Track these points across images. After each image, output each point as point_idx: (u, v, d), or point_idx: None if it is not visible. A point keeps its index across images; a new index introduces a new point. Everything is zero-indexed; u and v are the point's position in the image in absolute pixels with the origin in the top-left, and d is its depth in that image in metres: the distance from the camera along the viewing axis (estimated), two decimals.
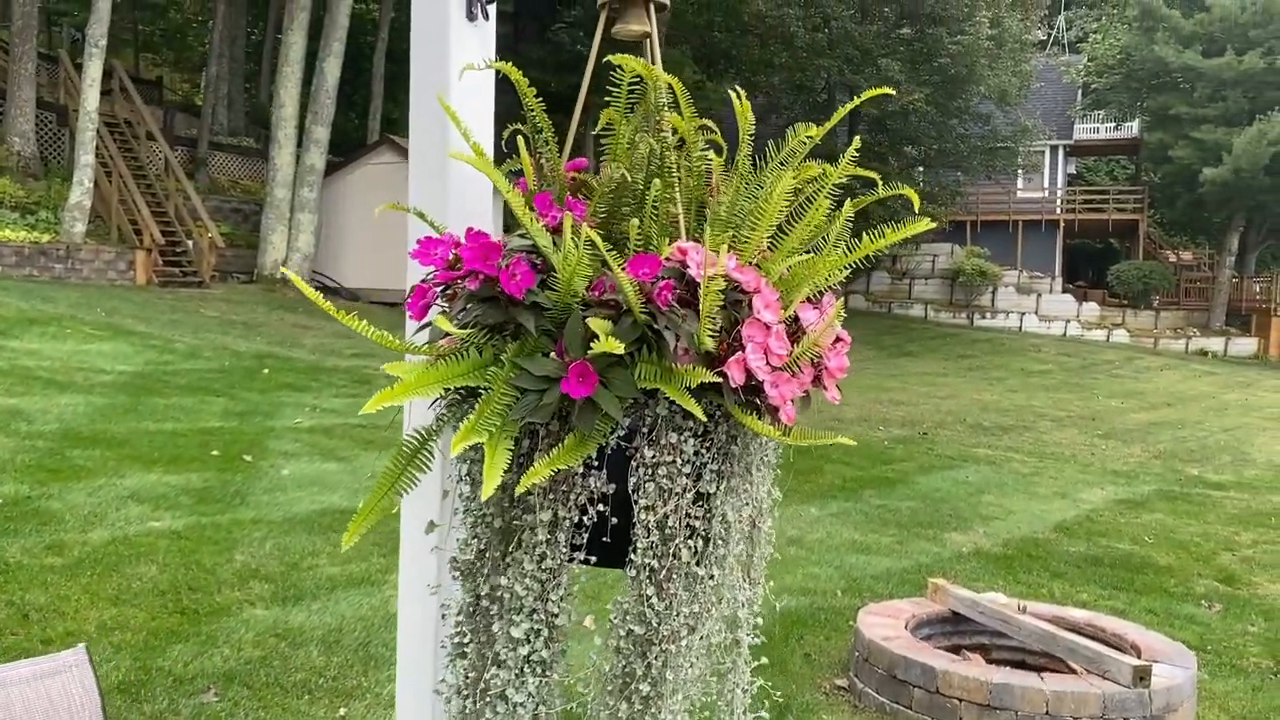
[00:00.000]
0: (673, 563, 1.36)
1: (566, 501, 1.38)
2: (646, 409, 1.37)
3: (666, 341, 1.29)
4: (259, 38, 30.12)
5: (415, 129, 1.82)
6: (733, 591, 1.46)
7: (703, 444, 1.39)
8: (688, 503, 1.37)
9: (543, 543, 1.38)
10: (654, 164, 1.44)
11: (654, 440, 1.37)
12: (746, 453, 1.46)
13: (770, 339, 1.35)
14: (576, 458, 1.32)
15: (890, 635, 4.48)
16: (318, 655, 4.31)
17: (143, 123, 20.28)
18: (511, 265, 1.31)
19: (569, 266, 1.28)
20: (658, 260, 1.32)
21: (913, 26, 25.16)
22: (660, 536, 1.36)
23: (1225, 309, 29.71)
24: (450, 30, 1.78)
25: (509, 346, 1.32)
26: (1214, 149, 27.59)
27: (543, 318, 1.34)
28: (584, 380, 1.28)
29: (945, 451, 11.31)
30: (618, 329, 1.29)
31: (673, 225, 1.47)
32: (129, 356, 10.71)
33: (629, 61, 1.39)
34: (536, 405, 1.31)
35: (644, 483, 1.37)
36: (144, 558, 5.22)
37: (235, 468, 7.13)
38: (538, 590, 1.39)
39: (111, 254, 17.06)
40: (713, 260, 1.34)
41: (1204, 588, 6.51)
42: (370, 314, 8.72)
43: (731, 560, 1.44)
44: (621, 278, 1.27)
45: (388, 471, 1.50)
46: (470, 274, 1.32)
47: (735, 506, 1.45)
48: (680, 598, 1.36)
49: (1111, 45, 32.53)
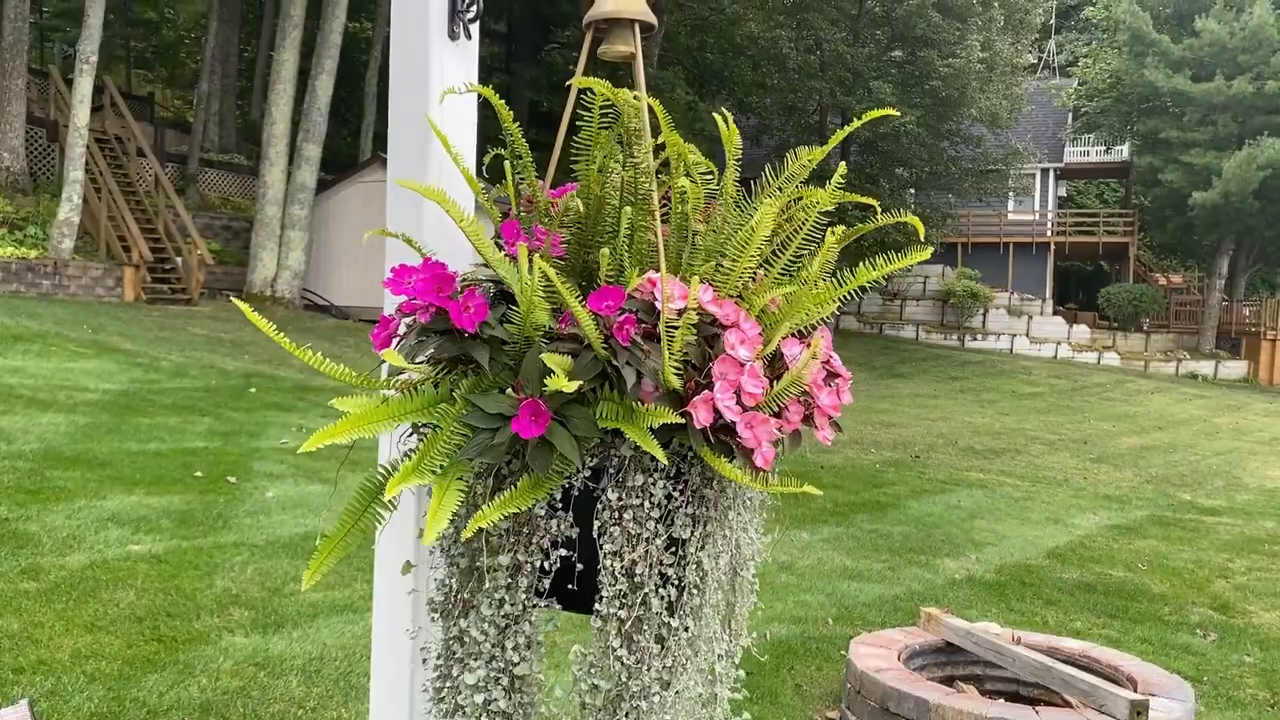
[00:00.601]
0: (642, 613, 1.28)
1: (528, 545, 1.31)
2: (613, 448, 1.29)
3: (626, 379, 1.22)
4: (251, 55, 30.13)
5: (393, 151, 1.76)
6: (710, 644, 1.38)
7: (675, 486, 1.32)
8: (658, 549, 1.30)
9: (502, 587, 1.31)
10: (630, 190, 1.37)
11: (620, 482, 1.29)
12: (723, 496, 1.38)
13: (744, 377, 1.27)
14: (530, 500, 1.25)
15: (883, 666, 4.39)
16: (297, 685, 4.21)
17: (133, 139, 20.21)
18: (464, 297, 1.24)
19: (525, 298, 1.21)
20: (620, 292, 1.25)
21: (904, 49, 25.28)
22: (629, 584, 1.29)
23: (1215, 332, 29.78)
24: (431, 50, 1.72)
25: (463, 382, 1.25)
26: (1203, 173, 27.71)
27: (503, 352, 1.27)
28: (536, 419, 1.21)
29: (937, 475, 11.24)
30: (577, 365, 1.23)
31: (653, 254, 1.41)
32: (114, 375, 10.61)
33: (597, 85, 1.33)
34: (488, 445, 1.23)
35: (609, 526, 1.29)
36: (122, 582, 5.11)
37: (218, 489, 7.03)
38: (494, 636, 1.31)
39: (99, 270, 16.96)
40: (683, 292, 1.27)
41: (1199, 616, 6.44)
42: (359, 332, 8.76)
43: (709, 611, 1.36)
44: (579, 311, 1.20)
45: (350, 509, 1.42)
46: (421, 305, 1.25)
47: (712, 553, 1.37)
48: (651, 650, 1.28)
49: (1102, 69, 32.71)
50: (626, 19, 1.54)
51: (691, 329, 1.20)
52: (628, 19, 1.54)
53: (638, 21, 1.53)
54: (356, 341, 16.91)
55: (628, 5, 1.56)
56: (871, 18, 25.68)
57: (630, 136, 1.36)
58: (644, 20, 1.54)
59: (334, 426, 1.16)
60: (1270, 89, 27.37)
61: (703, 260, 1.36)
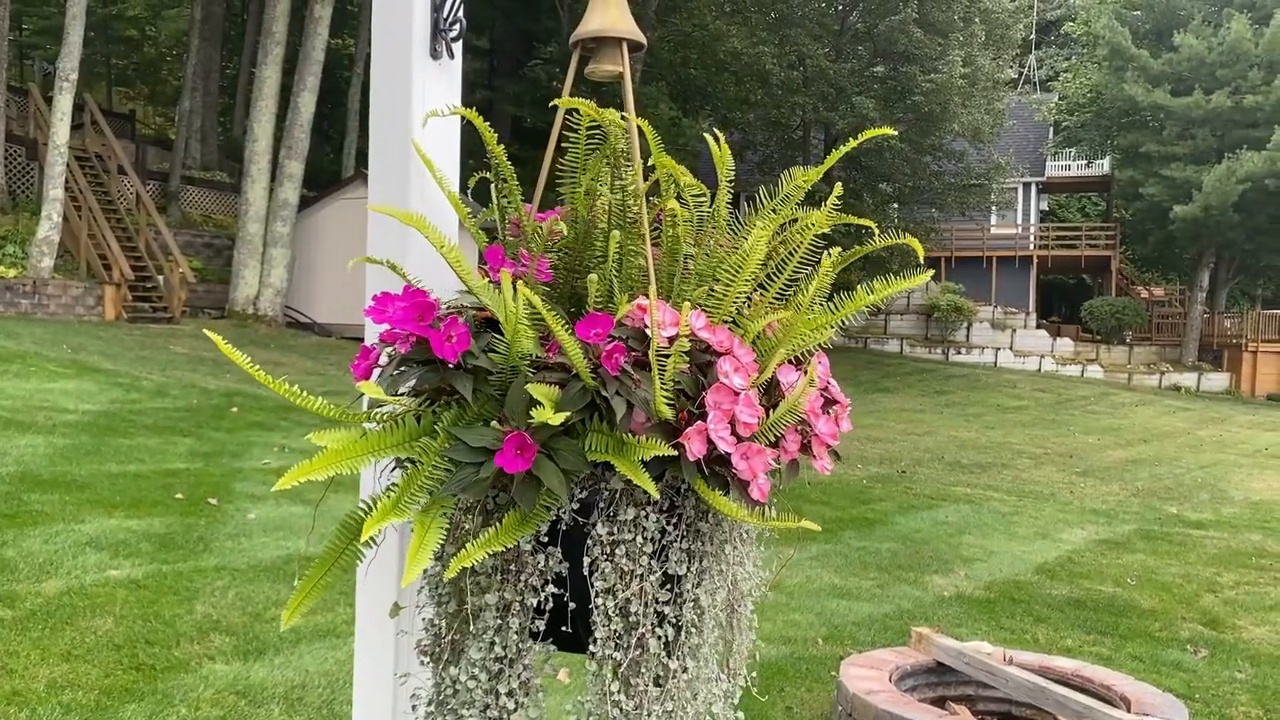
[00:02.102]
0: (639, 654, 1.23)
1: (516, 583, 1.25)
2: (603, 481, 1.24)
3: (616, 410, 1.17)
4: (233, 71, 30.05)
5: (375, 173, 1.70)
6: (708, 685, 1.32)
7: (668, 520, 1.26)
8: (653, 585, 1.24)
9: (491, 629, 1.25)
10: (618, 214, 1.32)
11: (611, 516, 1.24)
12: (719, 530, 1.33)
13: (739, 406, 1.22)
14: (516, 537, 1.19)
15: (874, 689, 4.34)
16: (280, 714, 4.12)
17: (114, 156, 20.09)
18: (446, 326, 1.18)
19: (509, 326, 1.16)
20: (609, 320, 1.20)
21: (887, 65, 25.41)
22: (624, 624, 1.23)
23: (1197, 345, 29.95)
24: (413, 70, 1.67)
25: (446, 414, 1.20)
26: (1184, 186, 27.92)
27: (487, 383, 1.21)
28: (522, 452, 1.15)
29: (924, 490, 11.22)
30: (564, 396, 1.17)
31: (643, 279, 1.36)
32: (94, 395, 10.48)
33: (583, 106, 1.28)
34: (472, 480, 1.18)
35: (601, 563, 1.23)
36: (100, 609, 5.01)
37: (199, 512, 6.93)
38: (486, 682, 1.25)
39: (80, 289, 16.82)
40: (674, 318, 1.22)
41: (1189, 631, 6.42)
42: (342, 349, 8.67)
43: (707, 650, 1.30)
44: (566, 340, 1.15)
45: (330, 548, 1.37)
46: (401, 335, 1.20)
47: (709, 589, 1.32)
48: (650, 694, 1.22)
49: (1082, 84, 32.97)
50: (614, 37, 1.50)
51: (684, 356, 1.15)
52: (615, 37, 1.50)
53: (626, 40, 1.49)
54: (339, 359, 16.79)
55: (616, 23, 1.52)
56: (854, 34, 25.81)
57: (618, 158, 1.31)
58: (632, 39, 1.50)
59: (310, 463, 1.11)
60: (1248, 103, 27.62)
61: (694, 285, 1.31)
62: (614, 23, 1.51)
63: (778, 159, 26.54)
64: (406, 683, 1.52)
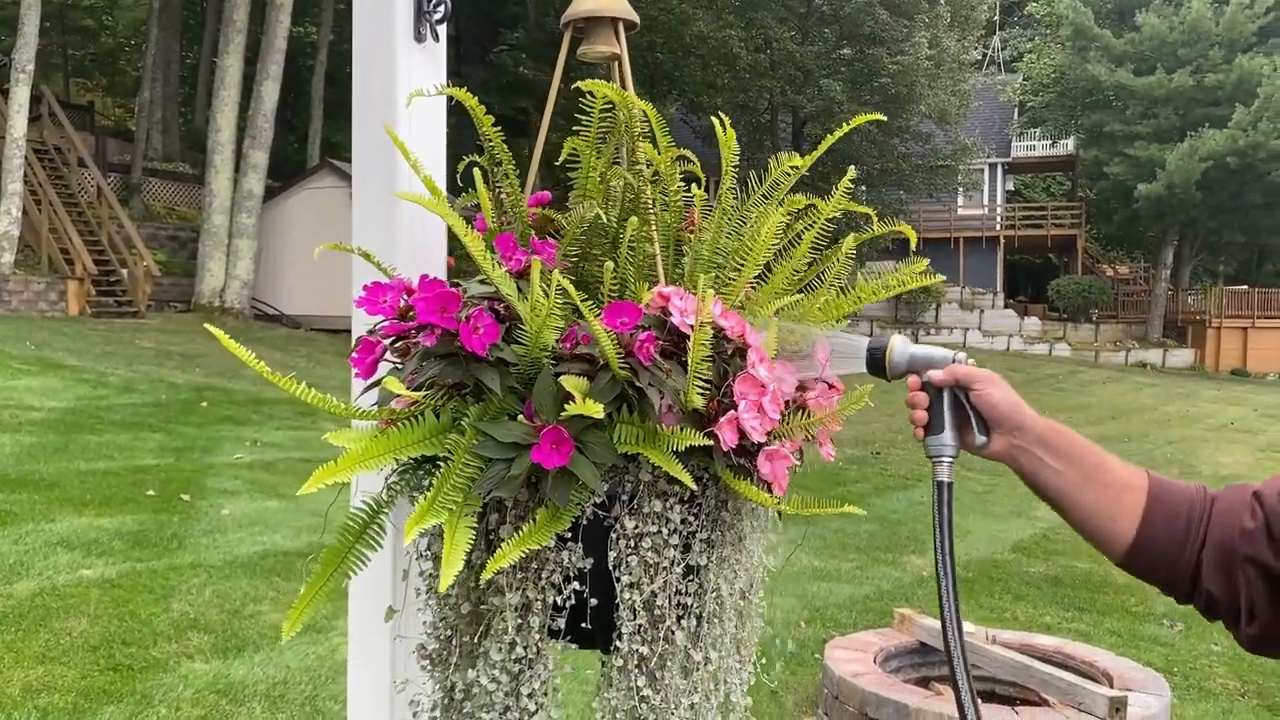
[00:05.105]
0: (665, 648, 1.20)
1: (538, 582, 1.22)
2: (626, 473, 1.21)
3: (650, 401, 1.14)
4: (194, 61, 29.61)
5: (359, 161, 1.65)
6: (728, 674, 1.30)
7: (690, 511, 1.24)
8: (677, 578, 1.22)
9: (512, 629, 1.21)
10: (629, 200, 1.29)
11: (636, 509, 1.21)
12: (739, 519, 1.31)
13: (765, 398, 1.20)
14: (549, 535, 1.16)
15: (860, 671, 4.34)
16: (261, 712, 4.07)
17: (73, 149, 19.75)
18: (473, 318, 1.14)
19: (538, 318, 1.12)
20: (637, 309, 1.17)
21: (853, 47, 25.42)
22: (649, 618, 1.20)
23: (1162, 321, 30.33)
24: (397, 53, 1.62)
25: (471, 409, 1.16)
26: (1147, 165, 28.20)
27: (508, 375, 1.17)
28: (559, 447, 1.12)
29: (899, 471, 11.28)
30: (594, 387, 1.14)
31: (650, 267, 1.32)
32: (59, 392, 10.32)
33: (600, 88, 1.24)
34: (504, 477, 1.14)
35: (626, 557, 1.21)
36: (74, 610, 4.93)
37: (172, 508, 6.84)
38: (508, 684, 1.22)
39: (42, 284, 16.54)
40: (696, 306, 1.19)
41: (1164, 606, 6.48)
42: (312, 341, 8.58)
43: (729, 640, 1.28)
44: (598, 330, 1.11)
45: (332, 551, 1.32)
46: (426, 328, 1.16)
47: (728, 579, 1.30)
48: (678, 687, 1.20)
49: (1046, 64, 33.17)
50: (608, 17, 1.46)
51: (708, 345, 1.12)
52: (609, 17, 1.46)
53: (621, 20, 1.45)
54: (309, 351, 16.63)
55: (609, 3, 1.48)
56: (819, 16, 25.79)
57: (632, 143, 1.28)
58: (627, 19, 1.46)
59: (335, 464, 1.07)
60: (1209, 82, 27.92)
61: (703, 272, 1.28)
62: (608, 2, 1.48)
63: (746, 142, 26.50)
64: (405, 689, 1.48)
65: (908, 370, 1.24)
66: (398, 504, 1.32)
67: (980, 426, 1.20)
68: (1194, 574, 1.13)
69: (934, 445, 1.22)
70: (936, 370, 1.22)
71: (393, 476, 1.30)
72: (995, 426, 1.19)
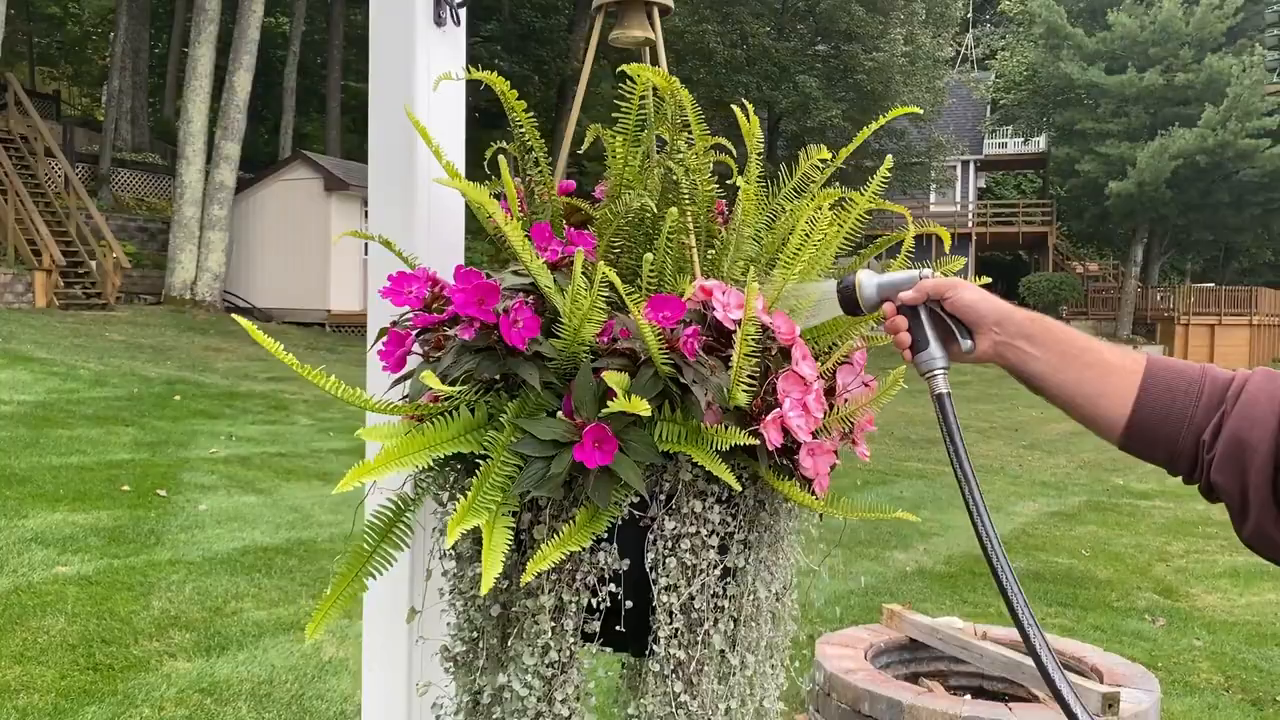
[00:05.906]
0: (704, 652, 1.16)
1: (572, 583, 1.18)
2: (664, 473, 1.17)
3: (695, 398, 1.10)
4: (163, 50, 29.22)
5: (376, 150, 1.60)
6: (763, 680, 1.27)
7: (728, 511, 1.20)
8: (714, 580, 1.18)
9: (546, 632, 1.17)
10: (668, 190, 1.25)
11: (674, 509, 1.17)
12: (776, 519, 1.28)
13: (809, 396, 1.16)
14: (590, 536, 1.12)
15: (852, 667, 4.33)
16: (247, 711, 4.00)
17: (40, 138, 19.44)
18: (513, 310, 1.10)
19: (579, 311, 1.08)
20: (680, 302, 1.13)
21: (829, 44, 25.46)
22: (686, 621, 1.17)
23: (1132, 318, 30.63)
24: (416, 37, 1.57)
25: (508, 405, 1.12)
26: (1118, 163, 28.45)
27: (546, 370, 1.13)
28: (602, 445, 1.08)
29: (878, 466, 11.30)
30: (636, 383, 1.10)
31: (685, 259, 1.29)
32: (29, 385, 10.14)
33: (644, 72, 1.20)
34: (544, 476, 1.10)
35: (664, 558, 1.17)
36: (51, 608, 4.83)
37: (148, 504, 6.73)
38: (540, 689, 1.18)
39: (8, 276, 16.27)
40: (740, 301, 1.16)
41: (1145, 601, 6.53)
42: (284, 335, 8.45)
43: (764, 644, 1.25)
44: (643, 324, 1.07)
45: (357, 551, 1.28)
46: (464, 320, 1.11)
47: (765, 581, 1.27)
48: (716, 692, 1.16)
49: (1019, 62, 33.38)
50: (641, 1, 1.42)
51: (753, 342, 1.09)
52: (642, 1, 1.42)
53: (655, 4, 1.41)
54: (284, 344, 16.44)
55: None
56: (795, 11, 25.81)
57: (675, 130, 1.24)
58: (661, 3, 1.42)
59: (369, 463, 1.02)
60: (1180, 81, 28.19)
61: (742, 266, 1.25)
62: None
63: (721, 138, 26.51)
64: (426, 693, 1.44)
65: (880, 300, 1.23)
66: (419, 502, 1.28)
67: (963, 332, 1.20)
68: (1193, 456, 1.11)
69: (923, 362, 1.22)
70: (907, 290, 1.20)
71: (420, 474, 1.25)
72: (976, 329, 1.19)
